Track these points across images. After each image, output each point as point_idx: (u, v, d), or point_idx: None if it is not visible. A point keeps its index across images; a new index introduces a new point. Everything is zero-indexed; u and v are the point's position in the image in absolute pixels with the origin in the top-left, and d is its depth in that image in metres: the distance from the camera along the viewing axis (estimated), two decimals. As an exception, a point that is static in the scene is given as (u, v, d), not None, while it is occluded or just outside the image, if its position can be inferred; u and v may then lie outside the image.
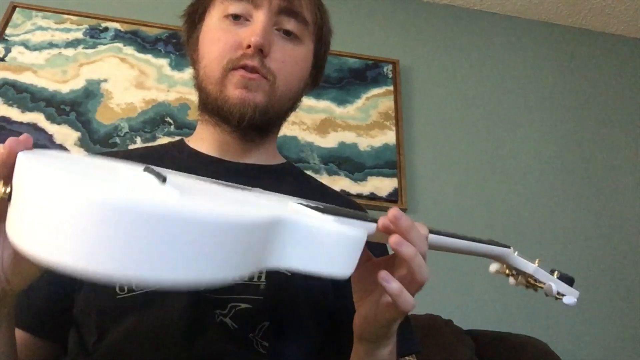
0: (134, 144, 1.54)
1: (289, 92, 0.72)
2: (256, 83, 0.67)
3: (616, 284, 1.69)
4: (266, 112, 0.69)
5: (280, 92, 0.70)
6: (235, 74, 0.67)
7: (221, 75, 0.68)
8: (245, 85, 0.67)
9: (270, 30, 0.69)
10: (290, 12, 0.70)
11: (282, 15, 0.70)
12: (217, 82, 0.69)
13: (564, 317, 1.60)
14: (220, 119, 0.71)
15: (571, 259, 1.68)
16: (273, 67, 0.69)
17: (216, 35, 0.70)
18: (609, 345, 1.59)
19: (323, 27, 0.77)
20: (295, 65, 0.72)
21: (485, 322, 1.34)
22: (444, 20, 2.07)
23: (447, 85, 1.93)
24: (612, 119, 2.00)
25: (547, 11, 2.12)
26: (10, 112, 1.51)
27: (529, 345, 1.23)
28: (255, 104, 0.67)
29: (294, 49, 0.72)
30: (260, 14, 0.68)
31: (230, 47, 0.68)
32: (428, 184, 1.72)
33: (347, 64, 1.85)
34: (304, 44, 0.73)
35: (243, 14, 0.69)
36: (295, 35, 0.72)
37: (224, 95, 0.68)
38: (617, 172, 1.89)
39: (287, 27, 0.71)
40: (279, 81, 0.69)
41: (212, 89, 0.69)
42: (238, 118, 0.67)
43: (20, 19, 1.67)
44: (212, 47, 0.70)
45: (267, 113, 0.69)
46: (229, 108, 0.67)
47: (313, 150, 1.66)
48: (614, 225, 1.76)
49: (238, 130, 0.71)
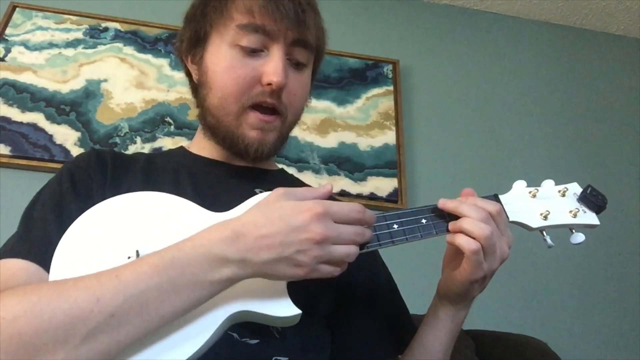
0: (134, 144, 1.54)
1: (296, 118, 0.77)
2: (272, 125, 0.71)
3: (616, 284, 1.69)
4: (279, 146, 0.75)
5: (289, 122, 0.74)
6: (252, 116, 0.70)
7: (238, 111, 0.70)
8: (262, 127, 0.70)
9: (287, 67, 0.70)
10: (302, 43, 0.71)
11: (294, 46, 0.71)
12: (233, 117, 0.70)
13: (564, 317, 1.61)
14: (232, 151, 0.74)
15: (571, 259, 1.68)
16: (286, 100, 0.71)
17: (229, 64, 0.69)
18: (609, 345, 1.59)
19: (322, 47, 0.79)
20: (303, 94, 0.75)
21: (485, 322, 1.34)
22: (444, 20, 2.07)
23: (447, 85, 1.93)
24: (612, 119, 2.00)
25: (547, 11, 2.12)
26: (10, 112, 1.51)
27: (529, 345, 1.23)
28: (271, 143, 0.72)
29: (302, 77, 0.74)
30: (277, 49, 0.68)
31: (248, 83, 0.69)
32: (428, 184, 1.72)
33: (347, 64, 1.84)
34: (308, 68, 0.76)
35: (258, 47, 0.69)
36: (303, 64, 0.73)
37: (240, 133, 0.71)
38: (617, 172, 1.89)
39: (298, 58, 0.72)
40: (290, 113, 0.73)
41: (228, 121, 0.71)
42: (253, 155, 0.72)
43: (20, 19, 1.67)
44: (228, 79, 0.69)
45: (279, 146, 0.75)
46: (246, 147, 0.71)
47: (313, 150, 1.66)
48: (614, 225, 1.76)
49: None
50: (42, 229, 0.60)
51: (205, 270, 0.49)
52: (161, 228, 0.58)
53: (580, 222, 0.66)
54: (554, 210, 0.66)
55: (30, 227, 0.61)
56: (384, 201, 1.62)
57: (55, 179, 0.68)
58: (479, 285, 0.62)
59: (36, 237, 0.59)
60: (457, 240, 0.59)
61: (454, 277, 0.63)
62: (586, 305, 1.64)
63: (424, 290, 0.80)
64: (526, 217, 0.66)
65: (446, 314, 0.67)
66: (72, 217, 0.59)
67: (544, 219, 0.66)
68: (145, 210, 0.59)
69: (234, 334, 0.57)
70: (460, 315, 0.68)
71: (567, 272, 1.67)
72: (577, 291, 1.65)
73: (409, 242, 0.61)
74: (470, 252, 0.58)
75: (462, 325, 0.70)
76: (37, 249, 0.57)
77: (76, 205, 0.62)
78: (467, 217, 0.59)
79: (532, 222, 0.66)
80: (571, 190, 0.69)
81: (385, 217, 0.61)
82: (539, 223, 0.66)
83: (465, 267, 0.60)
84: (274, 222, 0.51)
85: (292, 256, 0.50)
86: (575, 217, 0.66)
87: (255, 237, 0.50)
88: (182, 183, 0.70)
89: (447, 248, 0.67)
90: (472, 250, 0.58)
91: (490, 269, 0.60)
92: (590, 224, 0.67)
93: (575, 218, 0.66)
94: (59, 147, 1.48)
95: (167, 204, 0.61)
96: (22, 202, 0.66)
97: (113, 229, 0.57)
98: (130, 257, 0.54)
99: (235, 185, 0.72)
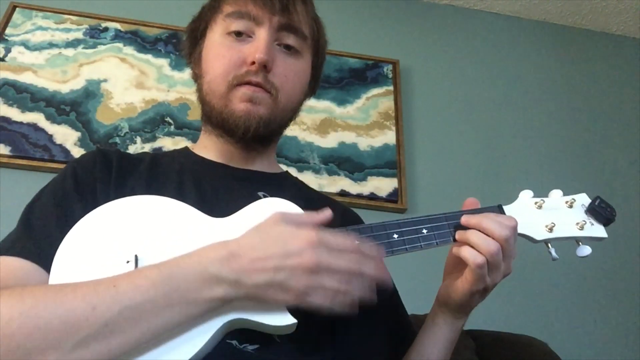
0: (134, 144, 1.54)
1: (291, 104, 0.76)
2: (260, 96, 0.71)
3: (616, 284, 1.69)
4: (269, 124, 0.72)
5: (283, 105, 0.73)
6: (240, 89, 0.70)
7: (226, 90, 0.71)
8: (250, 99, 0.70)
9: (272, 46, 0.72)
10: (290, 28, 0.73)
11: (282, 31, 0.73)
12: (222, 97, 0.72)
13: (564, 317, 1.60)
14: (225, 131, 0.74)
15: (571, 259, 1.68)
16: (276, 81, 0.72)
17: (220, 51, 0.73)
18: (609, 345, 1.59)
19: (319, 40, 0.81)
20: (296, 79, 0.75)
21: (486, 322, 1.34)
22: (444, 20, 2.07)
23: (447, 85, 1.93)
24: (612, 119, 2.00)
25: (547, 11, 2.12)
26: (10, 112, 1.51)
27: (529, 346, 1.23)
28: (260, 116, 0.71)
29: (295, 62, 0.75)
30: (262, 31, 0.71)
31: (234, 64, 0.71)
32: (428, 184, 1.72)
33: (347, 64, 1.84)
34: (303, 57, 0.77)
35: (245, 31, 0.72)
36: (295, 49, 0.75)
37: (229, 109, 0.71)
38: (617, 172, 1.89)
39: (288, 42, 0.74)
40: (281, 95, 0.72)
41: (217, 103, 0.72)
42: (243, 130, 0.71)
43: (20, 19, 1.67)
44: (217, 63, 0.73)
45: (270, 125, 0.72)
46: (235, 121, 0.71)
47: (313, 150, 1.66)
48: (614, 226, 1.76)
49: (242, 141, 0.74)
50: (43, 228, 0.60)
51: (199, 288, 0.50)
52: (161, 233, 0.58)
53: (587, 234, 0.65)
54: (560, 222, 0.65)
55: (31, 225, 0.61)
56: (384, 201, 1.62)
57: (59, 177, 0.68)
58: (479, 296, 0.63)
59: (36, 236, 0.59)
60: (463, 253, 0.60)
61: (455, 286, 0.64)
62: (586, 305, 1.64)
63: (424, 291, 0.80)
64: (531, 229, 0.65)
65: (445, 321, 0.68)
66: (73, 217, 0.59)
67: (549, 231, 0.65)
68: (146, 215, 0.60)
69: (233, 342, 0.56)
70: (459, 324, 0.68)
71: (568, 273, 1.67)
72: (577, 291, 1.65)
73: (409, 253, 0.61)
74: (475, 266, 0.59)
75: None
76: (36, 249, 0.57)
77: (78, 205, 0.62)
78: (486, 231, 0.60)
79: (536, 235, 0.65)
80: (579, 202, 0.67)
81: (385, 226, 0.61)
82: (544, 235, 0.65)
83: (468, 278, 0.61)
84: (269, 246, 0.52)
85: (283, 281, 0.51)
86: (582, 230, 0.65)
87: (251, 258, 0.51)
88: (186, 186, 0.70)
89: (449, 255, 0.67)
90: (477, 264, 0.58)
91: (492, 283, 0.61)
92: (597, 237, 0.66)
93: (582, 230, 0.65)
94: (59, 147, 1.48)
95: (168, 209, 0.61)
96: (22, 202, 0.66)
97: (113, 233, 0.57)
98: (129, 262, 0.55)
99: (238, 189, 0.72)
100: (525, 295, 1.60)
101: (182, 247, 0.56)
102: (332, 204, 0.83)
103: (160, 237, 0.58)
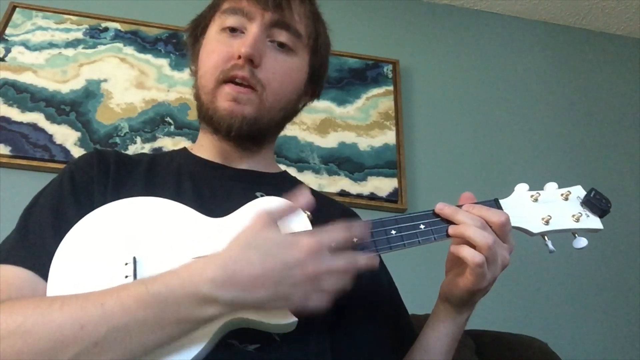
0: (134, 144, 1.54)
1: (279, 103, 0.74)
2: (245, 97, 0.70)
3: (616, 284, 1.69)
4: (255, 124, 0.71)
5: (270, 103, 0.72)
6: (225, 88, 0.70)
7: (214, 87, 0.71)
8: (235, 98, 0.70)
9: (261, 41, 0.71)
10: (282, 24, 0.73)
11: (275, 28, 0.73)
12: (209, 93, 0.72)
13: (564, 317, 1.60)
14: (212, 128, 0.74)
15: (571, 259, 1.68)
16: (263, 77, 0.71)
17: (213, 47, 0.74)
18: (609, 346, 1.59)
19: (318, 39, 0.79)
20: (286, 76, 0.74)
21: (485, 322, 1.34)
22: (444, 20, 2.07)
23: (447, 85, 1.93)
24: (612, 119, 2.00)
25: (547, 11, 2.12)
26: (10, 112, 1.51)
27: (529, 346, 1.23)
28: (244, 115, 0.70)
29: (286, 60, 0.74)
30: (253, 27, 0.71)
31: (223, 59, 0.71)
32: (428, 184, 1.72)
33: (347, 64, 1.84)
34: (297, 55, 0.75)
35: (238, 27, 0.72)
36: (288, 47, 0.74)
37: (214, 106, 0.71)
38: (617, 171, 1.89)
39: (280, 39, 0.73)
40: (267, 92, 0.71)
41: (206, 98, 0.73)
42: (226, 129, 0.71)
43: (20, 19, 1.67)
44: (208, 58, 0.73)
45: (255, 124, 0.71)
46: (218, 119, 0.71)
47: (313, 150, 1.66)
48: (614, 226, 1.76)
49: (230, 139, 0.74)
50: (39, 234, 0.60)
51: (191, 309, 0.49)
52: (159, 235, 0.58)
53: (583, 226, 0.65)
54: (556, 215, 0.65)
55: (27, 231, 0.61)
56: (384, 201, 1.62)
57: (57, 180, 0.68)
58: (481, 292, 0.64)
59: (32, 242, 0.59)
60: (462, 252, 0.60)
61: (457, 283, 0.64)
62: (586, 305, 1.64)
63: (424, 291, 0.80)
64: (527, 222, 0.65)
65: (448, 315, 0.68)
66: (70, 222, 0.58)
67: (546, 224, 0.65)
68: (143, 217, 0.60)
69: (233, 341, 0.56)
70: (462, 318, 0.68)
71: (568, 272, 1.67)
72: (577, 291, 1.65)
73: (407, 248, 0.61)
74: (474, 265, 0.59)
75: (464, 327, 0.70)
76: (33, 256, 0.57)
77: (75, 209, 0.62)
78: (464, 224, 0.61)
79: (533, 228, 0.65)
80: (574, 194, 0.68)
81: (383, 222, 0.61)
82: (540, 228, 0.65)
83: (469, 277, 0.61)
84: (267, 260, 0.50)
85: (286, 293, 0.51)
86: (578, 222, 0.65)
87: (250, 275, 0.50)
88: (184, 186, 0.70)
89: (449, 252, 0.67)
90: (476, 263, 0.59)
91: (492, 277, 0.61)
92: (593, 229, 0.66)
93: (578, 222, 0.65)
94: (59, 147, 1.48)
95: (166, 210, 0.61)
96: (22, 202, 0.66)
97: (111, 235, 0.57)
98: (127, 264, 0.55)
99: (236, 189, 0.72)
100: (525, 295, 1.60)
101: (180, 248, 0.56)
102: (331, 204, 0.83)
103: (158, 238, 0.58)
